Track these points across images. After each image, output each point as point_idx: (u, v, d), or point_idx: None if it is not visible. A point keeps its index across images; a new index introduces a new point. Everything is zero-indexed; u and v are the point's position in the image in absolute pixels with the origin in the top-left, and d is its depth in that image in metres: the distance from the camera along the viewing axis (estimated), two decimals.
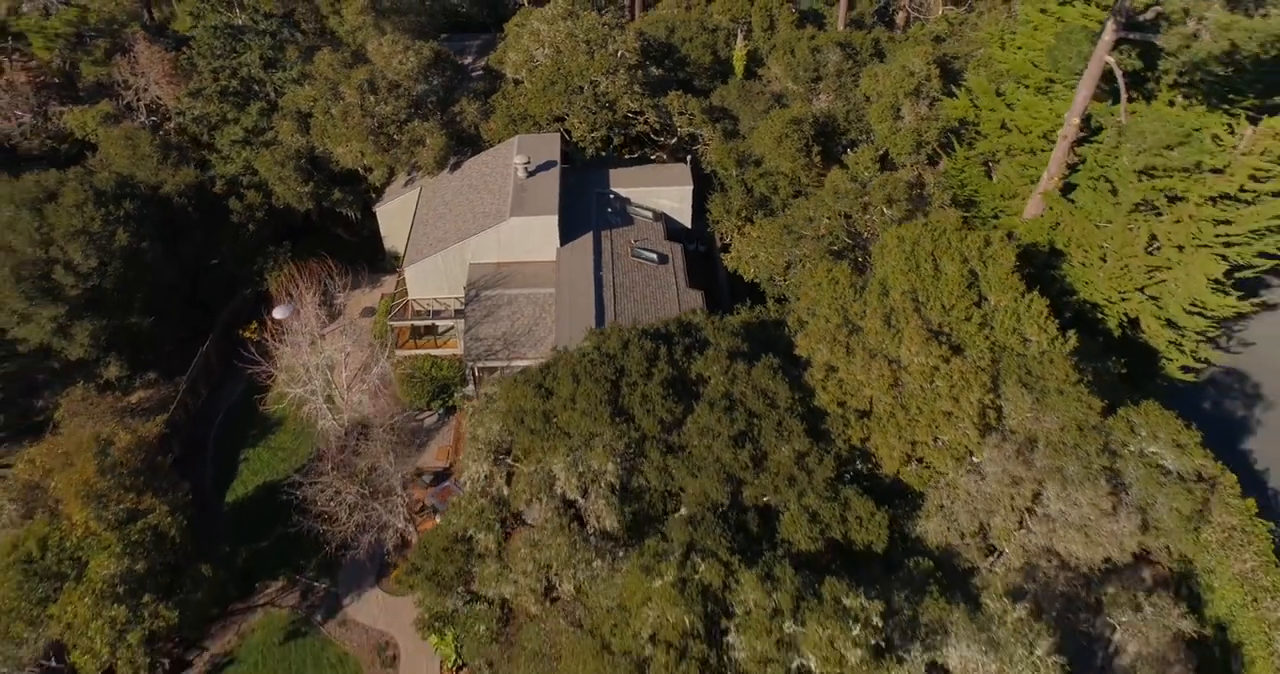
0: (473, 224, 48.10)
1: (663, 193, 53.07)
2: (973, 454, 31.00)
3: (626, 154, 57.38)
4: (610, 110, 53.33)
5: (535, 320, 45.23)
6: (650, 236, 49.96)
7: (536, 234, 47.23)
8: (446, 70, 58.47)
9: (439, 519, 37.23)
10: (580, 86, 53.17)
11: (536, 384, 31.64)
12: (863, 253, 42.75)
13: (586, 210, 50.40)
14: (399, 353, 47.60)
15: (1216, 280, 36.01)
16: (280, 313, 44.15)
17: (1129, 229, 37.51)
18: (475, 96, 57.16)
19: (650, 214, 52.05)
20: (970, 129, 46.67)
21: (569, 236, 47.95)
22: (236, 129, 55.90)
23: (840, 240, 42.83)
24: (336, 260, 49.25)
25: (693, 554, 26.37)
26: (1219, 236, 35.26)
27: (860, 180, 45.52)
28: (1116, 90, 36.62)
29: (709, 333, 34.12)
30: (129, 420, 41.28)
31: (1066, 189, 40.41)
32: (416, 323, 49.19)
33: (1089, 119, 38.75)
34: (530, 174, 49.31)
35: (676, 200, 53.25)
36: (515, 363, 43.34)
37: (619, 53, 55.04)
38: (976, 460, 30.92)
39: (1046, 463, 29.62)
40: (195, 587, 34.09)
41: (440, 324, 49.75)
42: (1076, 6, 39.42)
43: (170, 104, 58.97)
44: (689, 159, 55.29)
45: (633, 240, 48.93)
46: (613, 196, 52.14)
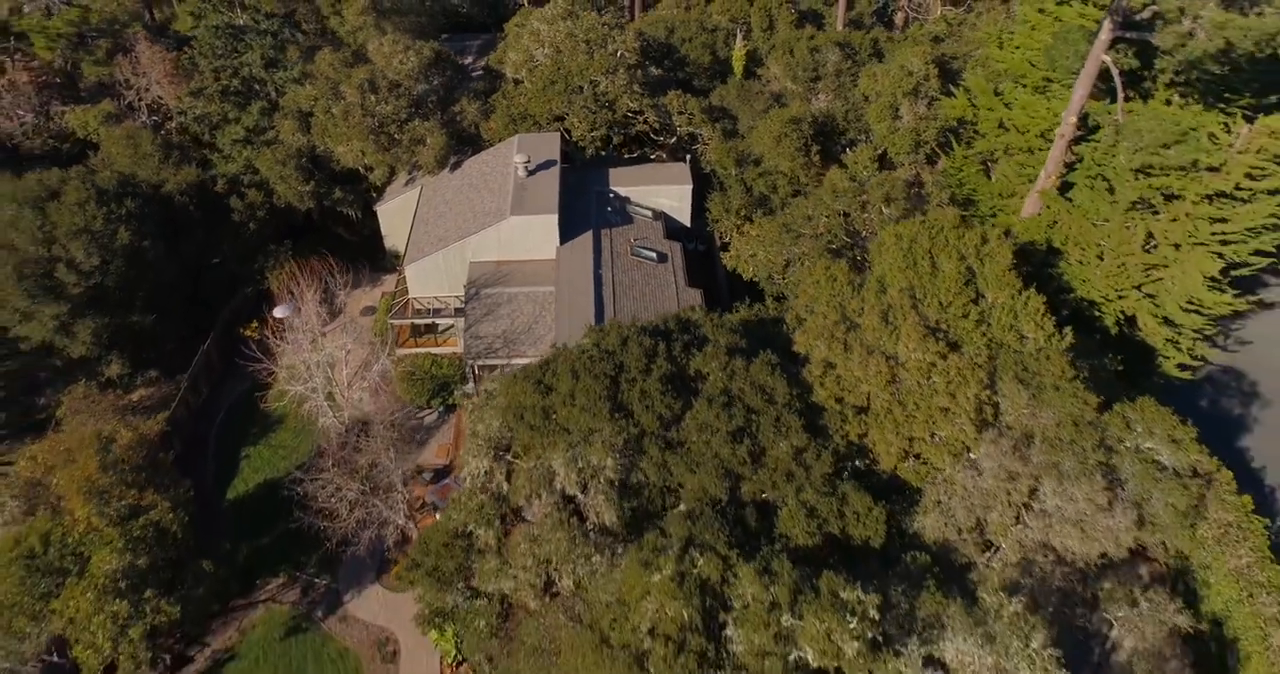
0: (473, 223, 48.27)
1: (662, 192, 53.21)
2: (970, 450, 31.13)
3: (626, 153, 57.54)
4: (610, 110, 53.52)
5: (535, 318, 45.37)
6: (650, 235, 50.10)
7: (536, 233, 47.40)
8: (447, 70, 58.64)
9: (439, 516, 37.40)
10: (580, 86, 53.35)
11: (536, 380, 31.76)
12: (861, 251, 42.93)
13: (586, 209, 50.55)
14: (399, 351, 47.74)
15: (1213, 278, 36.12)
16: (281, 311, 44.30)
17: (1126, 227, 37.66)
18: (475, 96, 57.34)
19: (650, 213, 52.20)
20: (968, 128, 46.79)
21: (569, 235, 48.09)
22: (238, 128, 56.07)
23: (839, 239, 43.02)
24: (337, 259, 49.37)
25: (691, 548, 26.51)
26: (1215, 235, 35.35)
27: (859, 179, 45.67)
28: (1113, 89, 36.81)
29: (708, 330, 34.26)
30: (130, 418, 41.39)
31: (1064, 188, 40.54)
32: (417, 321, 49.35)
33: (1086, 118, 38.87)
34: (530, 173, 49.46)
35: (676, 199, 53.41)
36: (515, 361, 43.42)
37: (619, 52, 55.24)
38: (973, 456, 31.06)
39: (1043, 458, 29.76)
40: (196, 582, 34.24)
41: (440, 322, 49.88)
42: (1074, 6, 39.57)
43: (171, 103, 59.16)
44: (688, 158, 55.45)
45: (632, 239, 49.06)
46: (612, 195, 52.28)
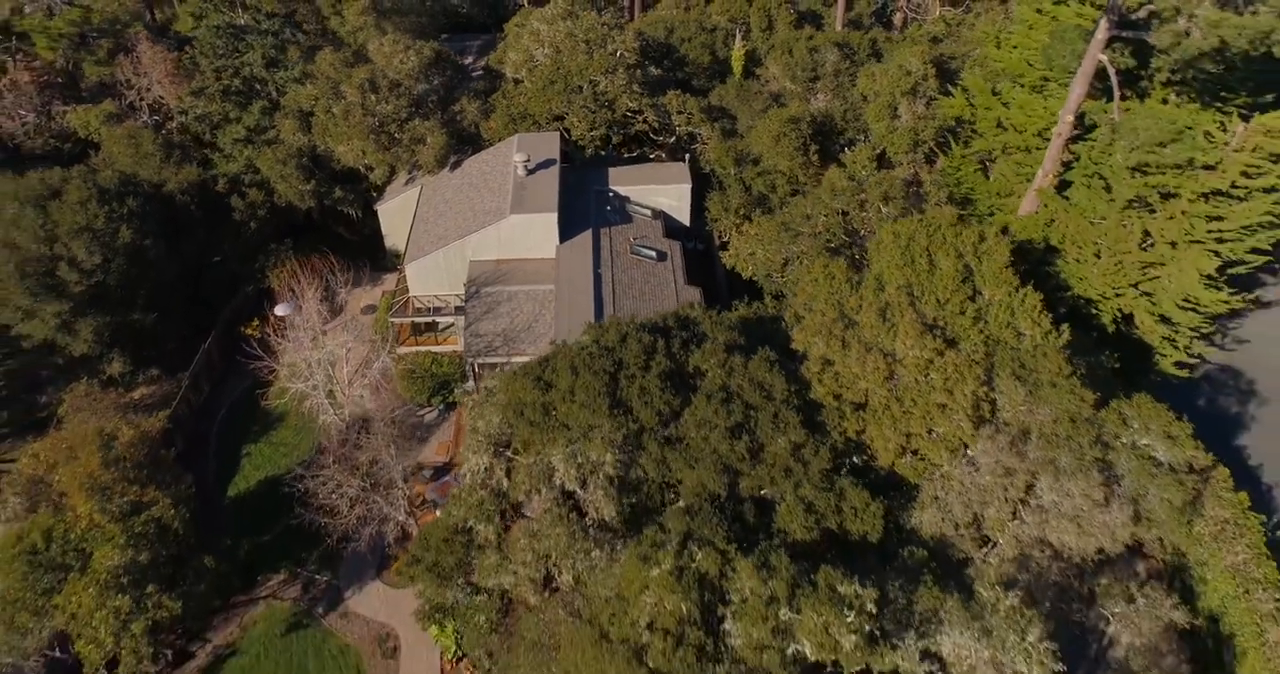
0: (473, 221, 48.45)
1: (661, 191, 53.37)
2: (967, 446, 31.29)
3: (625, 153, 57.72)
4: (609, 109, 53.72)
5: (535, 317, 45.55)
6: (649, 234, 50.29)
7: (536, 231, 47.57)
8: (447, 70, 58.84)
9: (439, 513, 37.58)
10: (579, 86, 53.55)
11: (536, 377, 31.92)
12: (859, 249, 43.12)
13: (586, 208, 50.71)
14: (400, 349, 47.92)
15: (1209, 276, 36.29)
16: (282, 310, 44.44)
17: (1123, 225, 37.85)
18: (475, 96, 57.52)
19: (649, 212, 52.37)
20: (966, 128, 46.95)
21: (568, 234, 48.26)
22: (238, 128, 56.26)
23: (837, 237, 43.21)
24: (338, 258, 49.54)
25: (690, 543, 26.69)
26: (1211, 233, 35.55)
27: (857, 178, 45.84)
28: (1110, 88, 36.96)
29: (706, 327, 34.43)
30: (132, 416, 41.53)
31: (1061, 186, 40.71)
32: (417, 319, 49.50)
33: (1083, 117, 39.02)
34: (530, 172, 49.63)
35: (675, 198, 53.57)
36: (515, 359, 43.54)
37: (618, 52, 55.45)
38: (971, 452, 31.22)
39: (1039, 454, 29.91)
40: (198, 578, 34.42)
41: (441, 321, 50.04)
42: (1071, 5, 39.76)
43: (172, 103, 59.34)
44: (687, 158, 55.63)
45: (631, 238, 49.23)
46: (612, 195, 52.45)
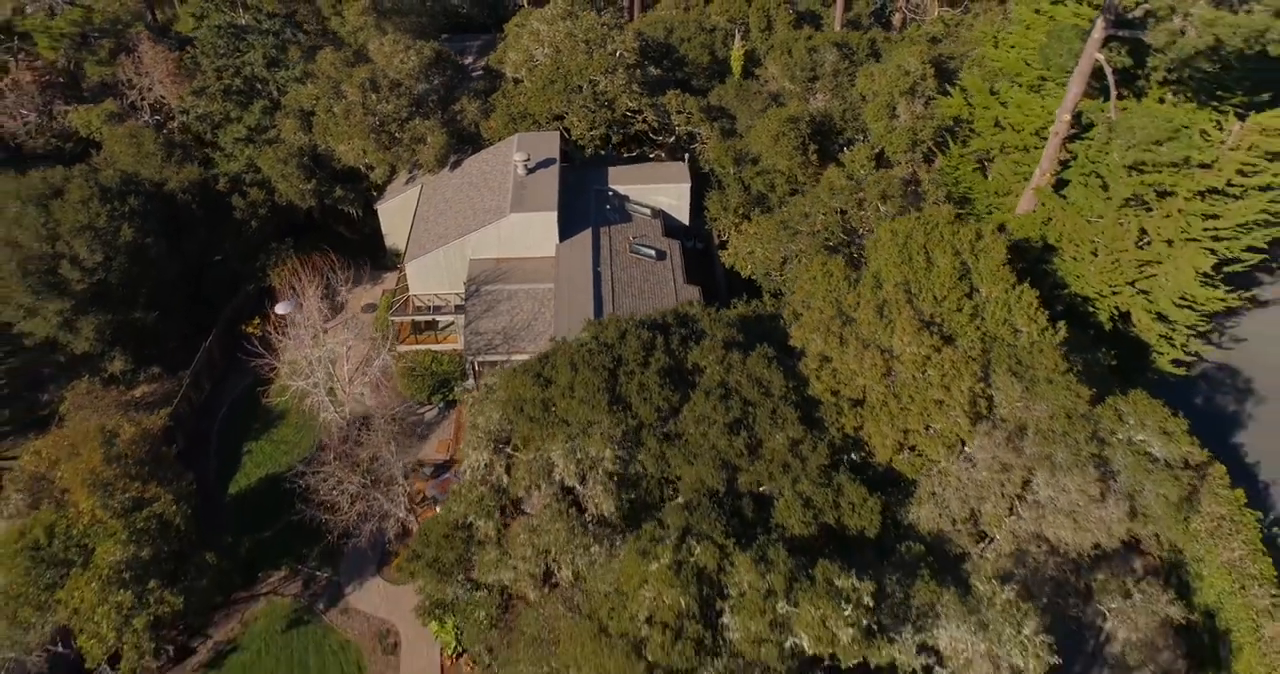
0: (473, 220, 48.65)
1: (661, 190, 53.56)
2: (964, 442, 31.47)
3: (625, 152, 57.92)
4: (609, 109, 53.92)
5: (535, 315, 45.73)
6: (648, 233, 50.48)
7: (536, 230, 47.76)
8: (447, 69, 59.04)
9: (439, 510, 37.74)
10: (579, 85, 53.75)
11: (535, 373, 32.08)
12: (857, 248, 43.33)
13: (585, 207, 50.90)
14: (400, 348, 48.11)
15: (1205, 274, 36.50)
16: (283, 308, 44.60)
17: (1119, 224, 38.06)
18: (475, 95, 57.72)
19: (648, 211, 52.55)
20: (965, 127, 47.17)
21: (568, 233, 48.44)
22: (239, 127, 56.45)
23: (836, 236, 43.40)
24: (339, 256, 49.73)
25: (688, 538, 26.84)
26: (1207, 231, 35.76)
27: (856, 178, 46.04)
28: (1107, 87, 37.21)
29: (705, 324, 34.59)
30: (133, 414, 41.70)
31: (1059, 185, 40.92)
32: (417, 318, 49.68)
33: (1080, 116, 39.24)
34: (530, 171, 49.82)
35: (674, 198, 53.76)
36: (515, 357, 43.74)
37: (618, 52, 55.67)
38: (968, 448, 31.40)
39: (1036, 450, 30.09)
40: (199, 574, 34.58)
41: (441, 319, 50.22)
42: (1068, 5, 40.01)
43: (174, 103, 59.56)
44: (687, 157, 55.85)
45: (631, 237, 49.41)
46: (611, 194, 52.65)
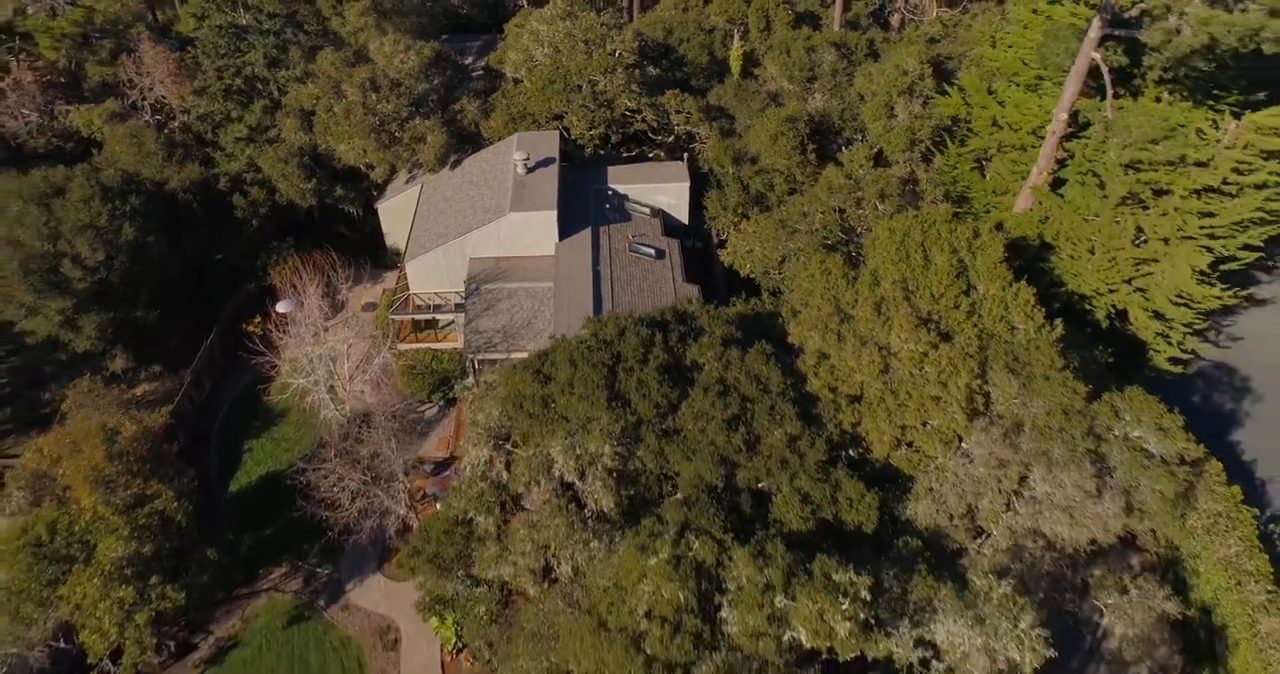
0: (473, 219, 48.83)
1: (660, 190, 53.76)
2: (961, 438, 31.63)
3: (624, 152, 58.13)
4: (608, 109, 54.13)
5: (534, 313, 45.91)
6: (648, 232, 50.66)
7: (536, 229, 47.95)
8: (447, 69, 59.25)
9: (439, 507, 37.90)
10: (579, 85, 53.96)
11: (535, 370, 32.26)
12: (856, 246, 43.51)
13: (585, 206, 51.09)
14: (400, 346, 48.30)
15: (1202, 272, 36.65)
16: (284, 307, 44.79)
17: (1116, 222, 38.22)
18: (475, 95, 57.94)
19: (648, 210, 52.74)
20: (962, 126, 47.35)
21: (568, 232, 48.62)
22: (240, 127, 56.67)
23: (834, 234, 43.60)
24: (339, 254, 49.94)
25: (687, 532, 27.00)
26: (1203, 229, 35.90)
27: (854, 177, 46.23)
28: (1104, 86, 37.39)
29: (704, 321, 34.77)
30: (135, 412, 41.87)
31: (1056, 184, 41.09)
32: (418, 316, 49.89)
33: (1077, 115, 39.42)
34: (530, 171, 50.01)
35: (674, 197, 53.96)
36: (514, 355, 43.93)
37: (617, 52, 55.87)
38: (965, 444, 31.56)
39: (1033, 446, 30.25)
40: (201, 570, 34.77)
41: (441, 318, 50.42)
42: (1065, 5, 40.21)
43: (175, 103, 59.78)
44: (686, 157, 56.05)
45: (630, 236, 49.60)
46: (611, 193, 52.84)
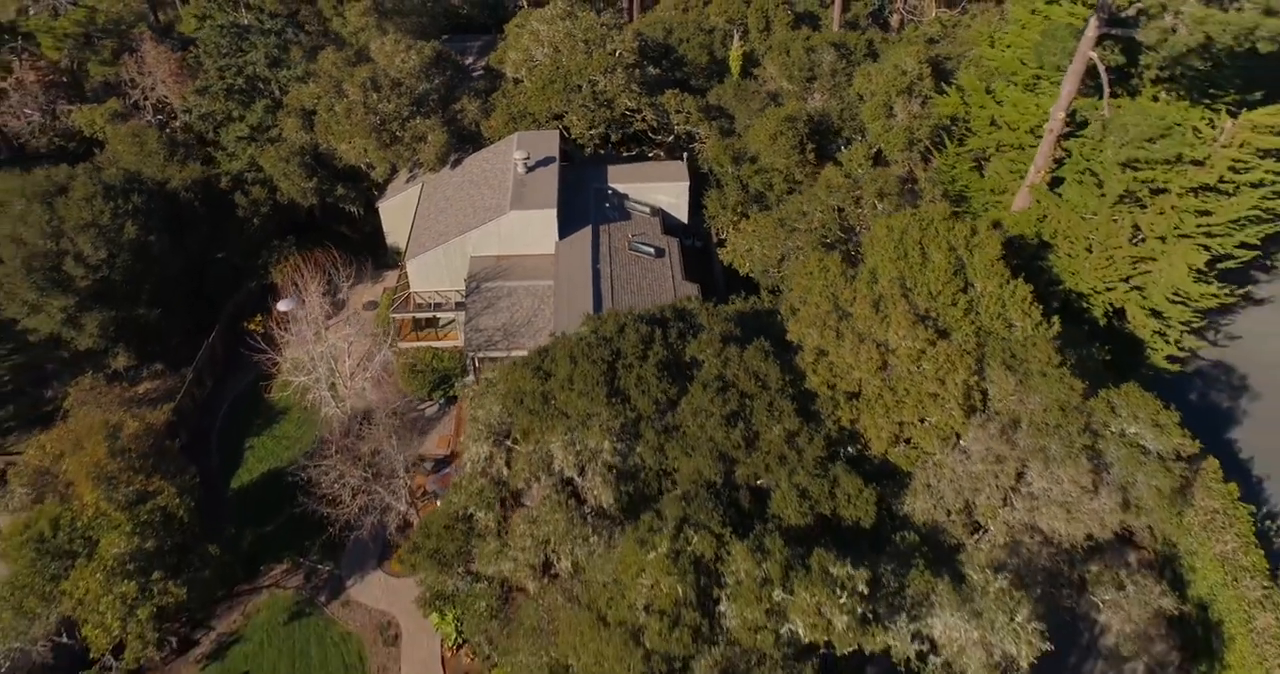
0: (473, 218, 49.04)
1: (660, 189, 53.98)
2: (959, 434, 31.81)
3: (624, 151, 58.36)
4: (608, 108, 54.35)
5: (534, 312, 46.11)
6: (647, 231, 50.86)
7: (536, 228, 48.16)
8: (447, 69, 59.49)
9: (440, 504, 38.07)
10: (579, 85, 54.18)
11: (535, 366, 32.45)
12: (854, 245, 43.68)
13: (585, 205, 51.31)
14: (401, 344, 48.49)
15: (1199, 270, 36.86)
16: (285, 305, 44.89)
17: (1113, 220, 38.40)
18: (476, 95, 58.15)
19: (647, 209, 52.96)
20: (961, 126, 47.54)
21: (567, 230, 48.83)
22: (242, 126, 56.89)
23: (833, 233, 43.79)
24: (340, 253, 50.11)
25: (686, 527, 27.16)
26: (1200, 227, 36.12)
27: (853, 176, 46.45)
28: (1101, 86, 37.58)
29: (703, 318, 34.96)
30: (137, 409, 42.11)
31: (1054, 183, 41.28)
32: (418, 315, 50.09)
33: (1074, 114, 39.63)
34: (530, 170, 50.22)
35: (673, 196, 54.17)
36: (514, 353, 44.15)
37: (617, 52, 56.08)
38: (962, 441, 31.73)
39: (1030, 442, 30.43)
40: (203, 565, 34.97)
41: (441, 316, 50.61)
42: (1063, 5, 40.40)
43: (176, 102, 60.02)
44: (685, 156, 56.27)
45: (630, 235, 49.81)
46: (610, 192, 53.06)
